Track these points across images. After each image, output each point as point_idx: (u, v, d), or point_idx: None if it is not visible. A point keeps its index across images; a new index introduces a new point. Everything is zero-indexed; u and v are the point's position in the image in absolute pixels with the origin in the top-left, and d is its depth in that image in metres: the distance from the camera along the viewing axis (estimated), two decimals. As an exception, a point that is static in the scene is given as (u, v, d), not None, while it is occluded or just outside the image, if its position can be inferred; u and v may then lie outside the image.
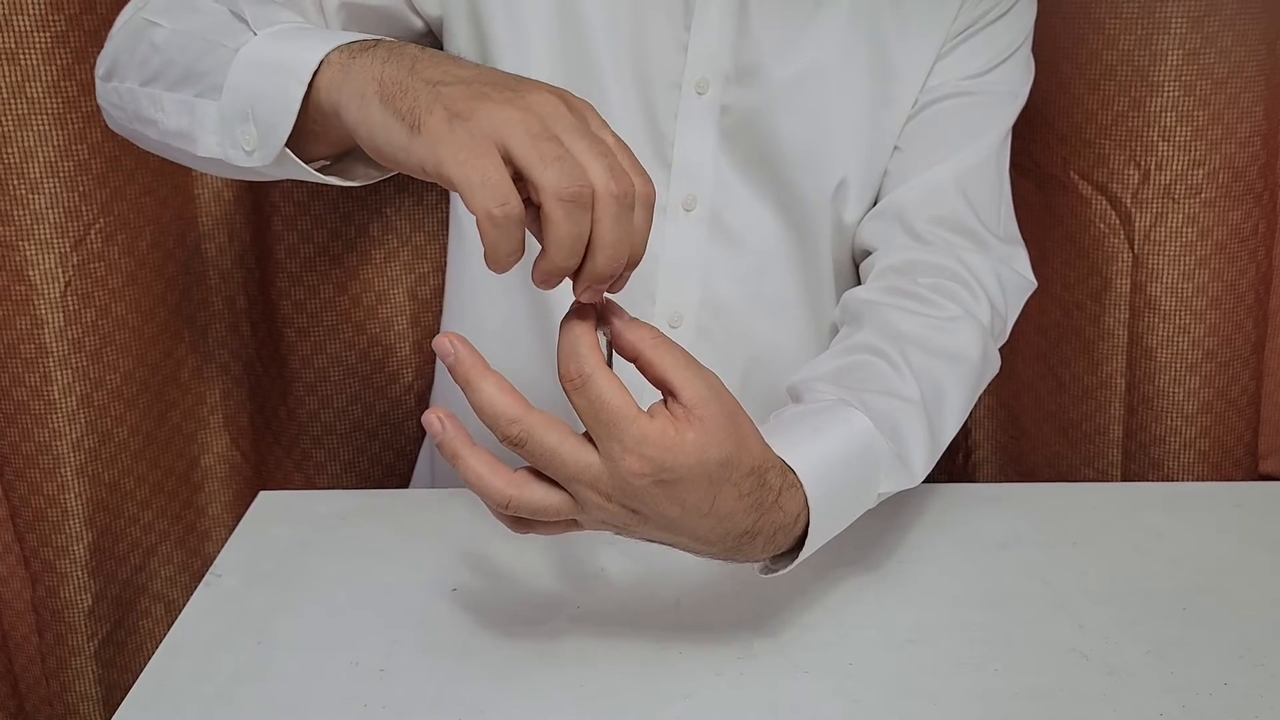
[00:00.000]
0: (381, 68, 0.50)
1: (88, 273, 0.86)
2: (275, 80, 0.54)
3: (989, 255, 0.77)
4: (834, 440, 0.58)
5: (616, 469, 0.49)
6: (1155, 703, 0.55)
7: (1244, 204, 0.91)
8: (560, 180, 0.45)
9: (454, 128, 0.46)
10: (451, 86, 0.48)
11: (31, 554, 0.90)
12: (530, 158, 0.46)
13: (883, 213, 0.79)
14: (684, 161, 0.77)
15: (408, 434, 1.03)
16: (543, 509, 0.51)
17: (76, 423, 0.87)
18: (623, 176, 0.47)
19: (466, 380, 0.50)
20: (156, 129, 0.62)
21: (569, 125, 0.47)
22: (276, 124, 0.54)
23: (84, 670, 0.93)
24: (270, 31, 0.56)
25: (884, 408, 0.62)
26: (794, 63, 0.75)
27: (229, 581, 0.66)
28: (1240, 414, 0.94)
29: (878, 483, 0.60)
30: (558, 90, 0.49)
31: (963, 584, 0.65)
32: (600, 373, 0.49)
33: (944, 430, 0.67)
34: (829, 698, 0.56)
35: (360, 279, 0.99)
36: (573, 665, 0.58)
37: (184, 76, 0.59)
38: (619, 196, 0.46)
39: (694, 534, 0.53)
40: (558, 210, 0.46)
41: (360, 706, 0.55)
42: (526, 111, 0.46)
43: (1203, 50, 0.86)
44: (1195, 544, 0.70)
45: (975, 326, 0.72)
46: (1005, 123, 0.79)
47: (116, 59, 0.66)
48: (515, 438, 0.49)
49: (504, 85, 0.48)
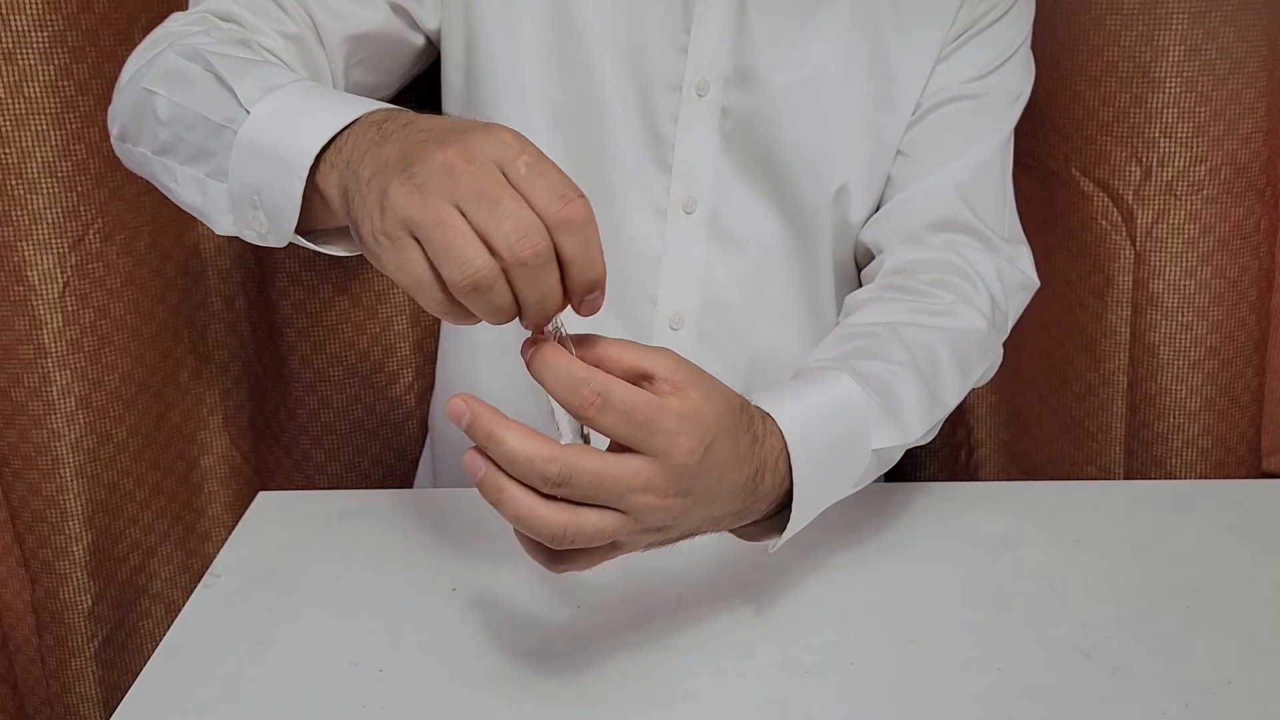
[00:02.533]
0: (342, 174, 0.51)
1: (86, 273, 0.86)
2: (274, 173, 0.54)
3: (993, 253, 0.77)
4: (812, 396, 0.58)
5: (670, 458, 0.49)
6: (1158, 701, 0.55)
7: (1246, 200, 0.90)
8: (453, 275, 0.45)
9: (377, 237, 0.47)
10: (375, 181, 0.48)
11: (31, 555, 0.90)
12: (429, 251, 0.46)
13: (886, 217, 0.79)
14: (684, 164, 0.76)
15: (408, 434, 1.03)
16: (599, 532, 0.49)
17: (75, 423, 0.87)
18: (527, 233, 0.45)
19: (489, 435, 0.48)
20: (173, 195, 0.64)
21: (465, 191, 0.45)
22: (282, 215, 0.55)
23: (84, 671, 0.93)
24: (261, 110, 0.56)
25: (871, 369, 0.62)
26: (794, 65, 0.75)
27: (228, 582, 0.66)
28: (1243, 411, 0.94)
29: (868, 436, 0.60)
30: (461, 141, 0.46)
31: (965, 583, 0.65)
32: (614, 383, 0.48)
33: (942, 389, 0.67)
34: (830, 697, 0.56)
35: (360, 278, 0.99)
36: (573, 665, 0.58)
37: (196, 154, 0.60)
38: (524, 260, 0.45)
39: (730, 493, 0.52)
40: (467, 300, 0.46)
41: (360, 707, 0.55)
42: (421, 196, 0.45)
43: (1204, 46, 0.86)
44: (1198, 542, 0.69)
45: (972, 310, 0.72)
46: (1007, 125, 0.80)
47: (125, 123, 0.67)
48: (557, 477, 0.47)
49: (406, 165, 0.47)
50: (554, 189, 0.46)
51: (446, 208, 0.45)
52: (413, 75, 0.84)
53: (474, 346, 0.86)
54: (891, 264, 0.76)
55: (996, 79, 0.78)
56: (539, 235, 0.45)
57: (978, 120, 0.78)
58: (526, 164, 0.46)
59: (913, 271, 0.75)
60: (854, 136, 0.77)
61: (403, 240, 0.46)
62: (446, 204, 0.45)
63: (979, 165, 0.78)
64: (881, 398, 0.61)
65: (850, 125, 0.77)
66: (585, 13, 0.74)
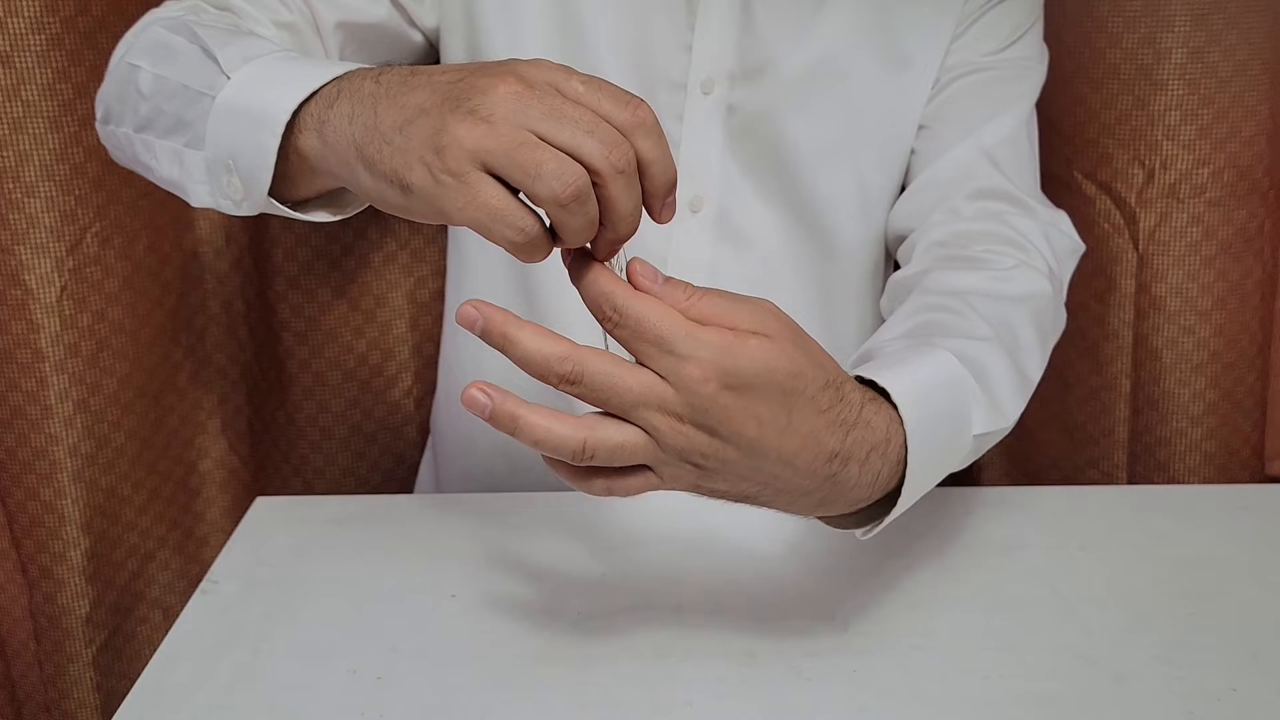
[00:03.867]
0: (350, 129, 0.50)
1: (84, 277, 0.85)
2: (249, 132, 0.54)
3: (1035, 219, 0.75)
4: (923, 368, 0.55)
5: (680, 381, 0.47)
6: (1162, 708, 0.55)
7: (1249, 203, 0.90)
8: (552, 188, 0.44)
9: (438, 178, 0.46)
10: (415, 126, 0.47)
11: (28, 560, 0.90)
12: (515, 177, 0.45)
13: (918, 192, 0.77)
14: (690, 162, 0.76)
15: (406, 438, 1.03)
16: (620, 445, 0.47)
17: (73, 428, 0.86)
18: (616, 142, 0.45)
19: (504, 336, 0.47)
20: (152, 174, 0.63)
21: (539, 115, 0.45)
22: (257, 176, 0.54)
23: (82, 677, 0.92)
24: (242, 74, 0.56)
25: (963, 348, 0.58)
26: (802, 60, 0.74)
27: (226, 588, 0.66)
28: (1246, 416, 0.94)
29: (970, 419, 0.56)
30: (512, 71, 0.46)
31: (968, 589, 0.65)
32: (635, 298, 0.47)
33: (1029, 367, 0.64)
34: (832, 705, 0.55)
35: (358, 282, 0.99)
36: (573, 672, 0.58)
37: (174, 125, 0.60)
38: (621, 168, 0.45)
39: (781, 458, 0.49)
40: (562, 214, 0.45)
41: (358, 714, 0.55)
42: (490, 125, 0.45)
43: (1207, 48, 0.86)
44: (1202, 547, 0.69)
45: (1036, 273, 0.70)
46: (1031, 93, 0.78)
47: (110, 103, 0.66)
48: (570, 375, 0.46)
49: (460, 102, 0.46)
50: (618, 98, 0.46)
51: (522, 132, 0.45)
52: None
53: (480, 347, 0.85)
54: (934, 238, 0.74)
55: (1014, 52, 0.78)
56: (625, 143, 0.45)
57: (1000, 89, 0.77)
58: (583, 81, 0.46)
59: (961, 243, 0.72)
60: (869, 127, 0.76)
61: (472, 175, 0.45)
62: (521, 129, 0.45)
63: (1008, 132, 0.76)
64: (980, 380, 0.57)
65: (864, 116, 0.76)
66: (589, 12, 0.74)
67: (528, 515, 0.73)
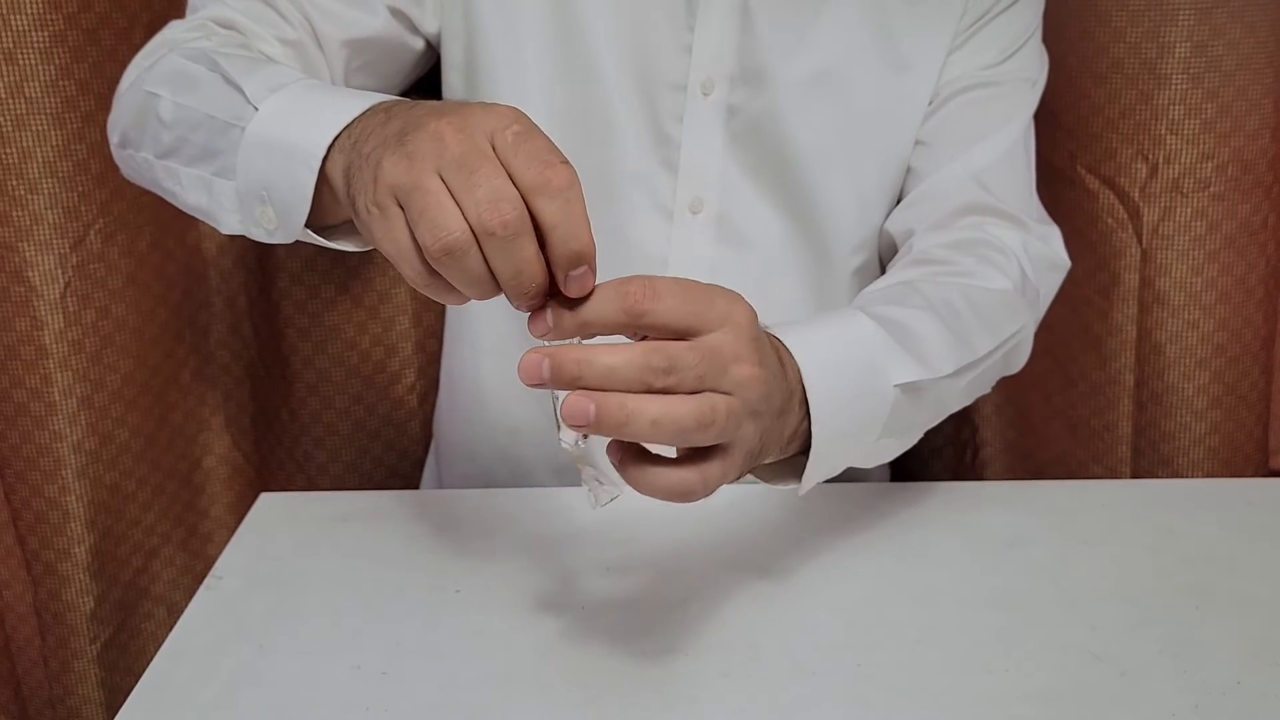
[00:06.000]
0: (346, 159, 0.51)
1: (87, 274, 0.85)
2: (285, 166, 0.54)
3: (1022, 231, 0.76)
4: (823, 325, 0.57)
5: (736, 323, 0.48)
6: (1168, 703, 0.55)
7: (1254, 197, 0.90)
8: (424, 238, 0.45)
9: (368, 208, 0.47)
10: (372, 156, 0.48)
11: (33, 557, 0.90)
12: (411, 219, 0.46)
13: (909, 207, 0.78)
14: (690, 164, 0.76)
15: (410, 435, 1.03)
16: (729, 411, 0.47)
17: (77, 425, 0.86)
18: (496, 200, 0.44)
19: (579, 361, 0.46)
20: (176, 200, 0.63)
21: (449, 160, 0.45)
22: (293, 209, 0.55)
23: (87, 673, 0.92)
24: (269, 106, 0.56)
25: (882, 312, 0.61)
26: (803, 63, 0.74)
27: (230, 585, 0.66)
28: (1251, 409, 0.93)
29: (886, 371, 0.57)
30: (459, 113, 0.46)
31: (971, 584, 0.65)
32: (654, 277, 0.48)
33: (968, 333, 0.65)
34: (837, 700, 0.55)
35: (362, 278, 0.99)
36: (577, 668, 0.58)
37: (200, 154, 0.60)
38: (491, 230, 0.44)
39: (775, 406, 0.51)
40: (441, 267, 0.46)
41: (362, 710, 0.55)
42: (409, 163, 0.45)
43: (1211, 43, 0.85)
44: (1207, 542, 0.69)
45: (995, 271, 0.71)
46: (1027, 110, 0.79)
47: (126, 130, 0.66)
48: (664, 365, 0.46)
49: (403, 137, 0.47)
50: (536, 155, 0.45)
51: (429, 174, 0.45)
52: (413, 79, 0.83)
53: (477, 352, 0.85)
54: (913, 254, 0.75)
55: (1012, 66, 0.78)
56: (510, 204, 0.44)
57: (997, 106, 0.78)
58: (514, 133, 0.46)
59: (934, 251, 0.74)
60: (869, 131, 0.77)
61: (390, 209, 0.46)
62: (430, 171, 0.45)
63: (1003, 150, 0.77)
64: (896, 336, 0.59)
65: (865, 120, 0.76)
66: (587, 13, 0.74)
67: (531, 511, 0.73)
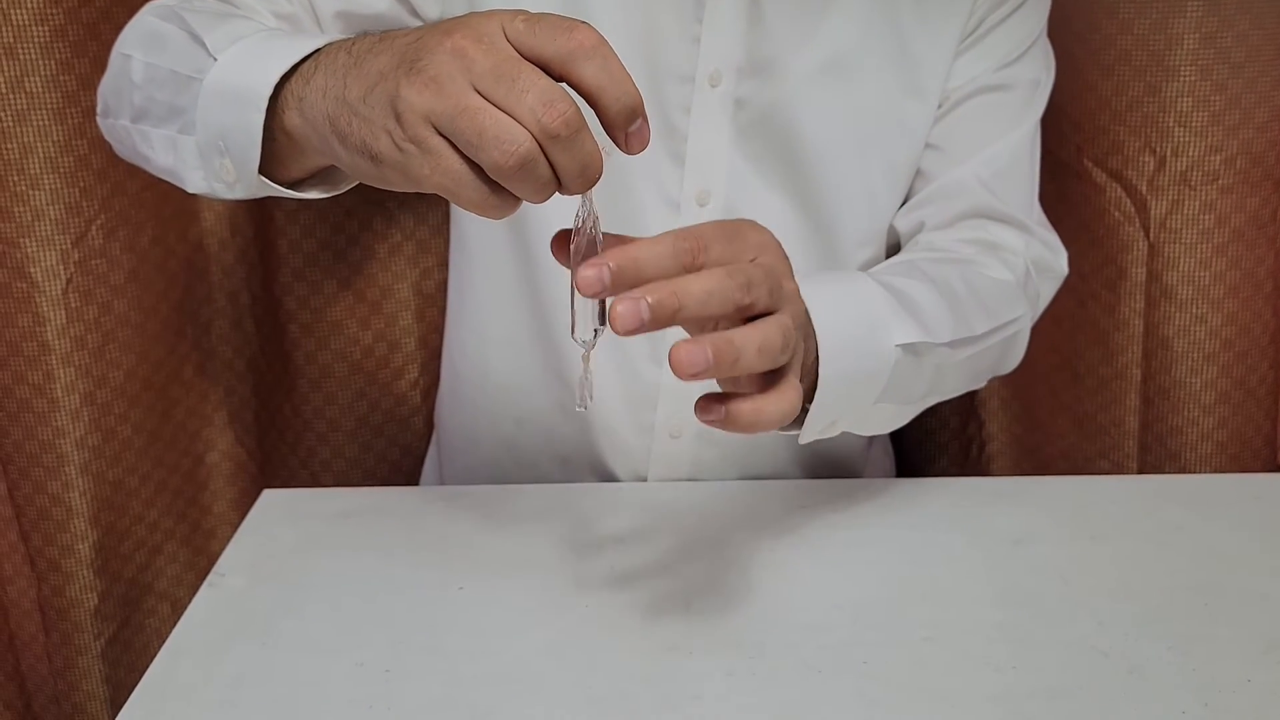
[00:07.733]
0: (324, 103, 0.49)
1: (89, 269, 0.85)
2: (236, 112, 0.53)
3: (1025, 235, 0.78)
4: (832, 279, 0.61)
5: (770, 242, 0.52)
6: (1177, 700, 0.54)
7: (1262, 190, 0.89)
8: (494, 158, 0.44)
9: (402, 147, 0.45)
10: (375, 93, 0.46)
11: (36, 553, 0.90)
12: (461, 143, 0.44)
13: (916, 208, 0.79)
14: (697, 156, 0.76)
15: (414, 430, 1.03)
16: (787, 326, 0.49)
17: (80, 421, 0.86)
18: (550, 100, 0.44)
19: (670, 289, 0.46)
20: (150, 164, 0.63)
21: (481, 71, 0.44)
22: (247, 155, 0.54)
23: (91, 669, 0.92)
24: (228, 55, 0.55)
25: (890, 280, 0.64)
26: (812, 55, 0.74)
27: (233, 581, 0.66)
28: (1259, 404, 0.93)
29: (888, 327, 0.61)
30: (462, 25, 0.45)
31: (978, 581, 0.64)
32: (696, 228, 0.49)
33: (966, 313, 0.67)
34: (843, 698, 0.55)
35: (364, 274, 0.98)
36: (581, 665, 0.57)
37: (167, 113, 0.59)
38: (555, 132, 0.44)
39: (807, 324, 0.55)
40: (509, 183, 0.45)
41: (365, 708, 0.55)
42: (438, 85, 0.44)
43: (1219, 34, 0.85)
44: (1215, 537, 0.68)
45: (997, 262, 0.73)
46: (1034, 114, 0.80)
47: (107, 97, 0.66)
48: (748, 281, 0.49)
49: (411, 63, 0.45)
50: (554, 27, 0.45)
51: (467, 92, 0.44)
52: None
53: (484, 341, 0.85)
54: (923, 241, 0.78)
55: (1019, 69, 0.78)
56: (564, 101, 0.44)
57: (1005, 112, 0.78)
58: (524, 20, 0.45)
59: (937, 247, 0.76)
60: (879, 125, 0.76)
61: (430, 140, 0.45)
62: (466, 88, 0.44)
63: (1009, 157, 0.78)
64: (899, 299, 0.62)
65: (875, 114, 0.76)
66: (595, 3, 0.74)
67: (535, 508, 0.73)
